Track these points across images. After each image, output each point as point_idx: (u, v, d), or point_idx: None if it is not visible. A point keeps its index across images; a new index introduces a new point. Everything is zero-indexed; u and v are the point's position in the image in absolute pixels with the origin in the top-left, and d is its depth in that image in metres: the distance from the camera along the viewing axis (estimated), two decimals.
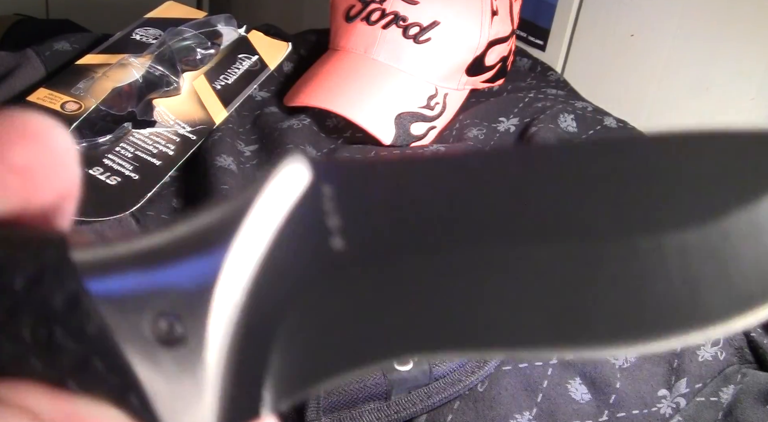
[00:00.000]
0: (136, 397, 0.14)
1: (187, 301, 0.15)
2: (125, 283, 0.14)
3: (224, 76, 0.74)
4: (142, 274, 0.15)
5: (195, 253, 0.15)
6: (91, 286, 0.14)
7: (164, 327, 0.14)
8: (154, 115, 0.67)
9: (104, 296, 0.14)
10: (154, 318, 0.14)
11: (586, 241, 0.16)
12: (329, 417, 0.42)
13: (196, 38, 0.75)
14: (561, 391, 0.46)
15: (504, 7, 0.76)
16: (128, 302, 0.14)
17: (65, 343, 0.14)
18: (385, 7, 0.72)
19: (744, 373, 0.49)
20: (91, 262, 0.14)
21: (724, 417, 0.47)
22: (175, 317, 0.14)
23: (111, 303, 0.14)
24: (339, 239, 0.16)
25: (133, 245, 0.15)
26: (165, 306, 0.14)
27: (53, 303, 0.14)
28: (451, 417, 0.44)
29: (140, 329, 0.14)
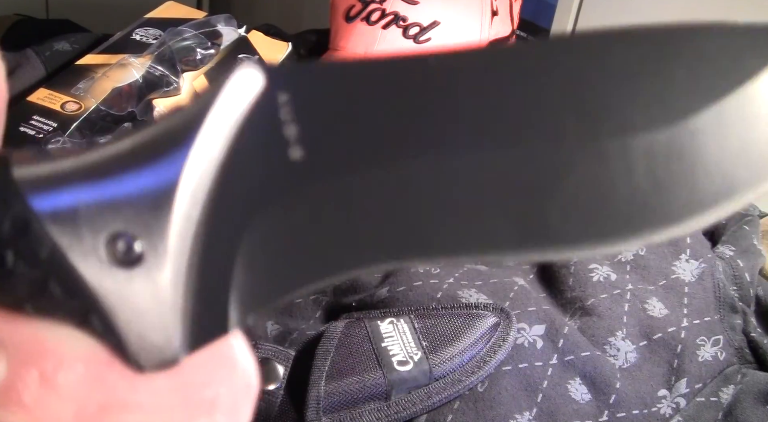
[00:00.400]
0: (98, 319, 0.14)
1: (144, 218, 0.14)
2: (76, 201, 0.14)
3: None
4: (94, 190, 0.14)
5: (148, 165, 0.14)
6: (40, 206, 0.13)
7: (121, 248, 0.14)
8: (154, 115, 0.67)
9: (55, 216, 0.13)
10: (111, 238, 0.14)
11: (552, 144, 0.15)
12: (329, 417, 0.42)
13: (196, 38, 0.75)
14: (561, 391, 0.46)
15: (504, 7, 0.76)
16: (81, 222, 0.14)
17: (18, 268, 0.13)
18: (385, 7, 0.72)
19: (744, 373, 0.49)
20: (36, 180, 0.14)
21: (724, 417, 0.47)
22: (131, 236, 0.14)
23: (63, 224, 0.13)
24: (297, 148, 0.15)
25: (81, 160, 0.14)
26: (121, 225, 0.14)
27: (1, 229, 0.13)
28: (451, 417, 0.44)
29: (97, 250, 0.14)
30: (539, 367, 0.47)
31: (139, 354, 0.14)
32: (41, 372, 0.13)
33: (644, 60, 0.16)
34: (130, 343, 0.14)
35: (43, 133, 0.62)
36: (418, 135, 0.15)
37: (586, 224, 0.16)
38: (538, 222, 0.16)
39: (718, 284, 0.54)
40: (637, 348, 0.49)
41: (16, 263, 0.13)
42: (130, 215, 0.14)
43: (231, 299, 0.15)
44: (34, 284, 0.13)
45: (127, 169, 0.14)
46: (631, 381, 0.47)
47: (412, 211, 0.16)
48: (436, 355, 0.44)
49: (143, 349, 0.14)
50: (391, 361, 0.44)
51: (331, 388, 0.43)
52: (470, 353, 0.45)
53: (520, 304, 0.50)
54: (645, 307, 0.51)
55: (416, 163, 0.15)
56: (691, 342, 0.50)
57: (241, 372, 0.16)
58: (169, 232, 0.14)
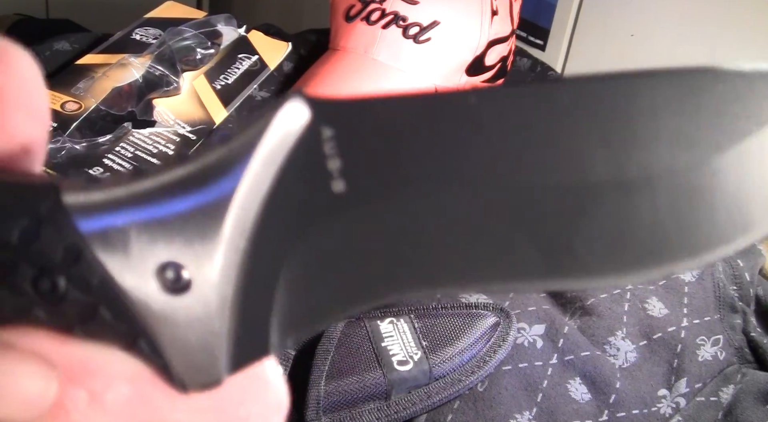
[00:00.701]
0: (145, 343, 0.14)
1: (192, 247, 0.14)
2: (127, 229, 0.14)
3: (224, 76, 0.74)
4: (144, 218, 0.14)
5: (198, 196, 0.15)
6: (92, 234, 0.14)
7: (170, 275, 0.14)
8: (154, 115, 0.67)
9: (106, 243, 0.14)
10: (161, 266, 0.14)
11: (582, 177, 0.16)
12: (329, 416, 0.42)
13: (196, 38, 0.75)
14: (561, 391, 0.46)
15: (504, 6, 0.76)
16: (132, 250, 0.14)
17: (70, 293, 0.14)
18: (385, 6, 0.72)
19: (744, 373, 0.49)
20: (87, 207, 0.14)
21: (724, 417, 0.47)
22: (180, 265, 0.14)
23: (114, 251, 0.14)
24: (340, 181, 0.16)
25: (131, 189, 0.15)
26: (170, 253, 0.14)
27: (54, 256, 0.14)
28: (451, 416, 0.44)
29: (146, 277, 0.14)
30: (539, 367, 0.47)
31: (183, 376, 0.15)
32: (90, 391, 0.14)
33: (670, 100, 0.16)
34: (176, 365, 0.15)
35: None
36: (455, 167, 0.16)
37: (609, 256, 0.16)
38: (564, 252, 0.16)
39: (718, 284, 0.54)
40: (637, 347, 0.49)
41: (68, 288, 0.14)
42: (180, 244, 0.14)
43: (272, 323, 0.16)
44: (85, 309, 0.14)
45: (177, 199, 0.15)
46: (631, 381, 0.47)
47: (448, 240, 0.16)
48: (436, 355, 0.44)
49: (188, 371, 0.15)
50: (391, 361, 0.44)
51: (331, 388, 0.43)
52: (470, 352, 0.45)
53: (520, 304, 0.50)
54: (645, 307, 0.51)
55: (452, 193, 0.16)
56: (691, 342, 0.50)
57: (273, 390, 0.16)
58: (216, 260, 0.15)
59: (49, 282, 0.14)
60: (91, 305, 0.14)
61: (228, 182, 0.15)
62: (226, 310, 0.15)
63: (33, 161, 0.15)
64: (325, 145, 0.16)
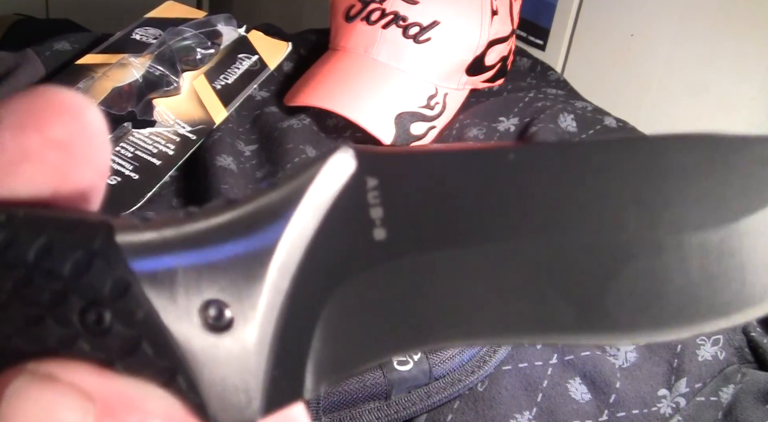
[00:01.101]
0: (184, 380, 0.15)
1: (237, 287, 0.15)
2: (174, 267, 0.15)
3: (224, 76, 0.74)
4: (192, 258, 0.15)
5: (245, 239, 0.15)
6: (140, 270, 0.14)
7: (213, 314, 0.15)
8: (154, 114, 0.67)
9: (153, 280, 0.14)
10: (204, 305, 0.15)
11: (614, 234, 0.17)
12: (329, 416, 0.42)
13: (196, 38, 0.75)
14: (561, 391, 0.46)
15: (504, 6, 0.76)
16: (178, 287, 0.14)
17: (114, 327, 0.14)
18: (385, 6, 0.72)
19: (744, 373, 0.49)
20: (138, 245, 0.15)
21: (724, 417, 0.47)
22: (223, 303, 0.15)
23: (160, 288, 0.14)
24: (381, 229, 0.16)
25: (181, 230, 0.15)
26: (214, 293, 0.15)
27: (102, 289, 0.14)
28: (451, 416, 0.44)
29: (190, 315, 0.14)
30: (539, 367, 0.47)
31: (218, 415, 0.15)
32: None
33: (701, 163, 0.17)
34: (212, 404, 0.15)
35: None
36: (494, 221, 0.17)
37: (640, 313, 0.17)
38: (596, 308, 0.17)
39: None
40: (637, 347, 0.49)
41: (113, 322, 0.14)
42: (225, 284, 0.15)
43: (308, 367, 0.16)
44: (128, 343, 0.14)
45: (225, 241, 0.15)
46: (631, 381, 0.47)
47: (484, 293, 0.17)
48: (436, 355, 0.44)
49: (223, 410, 0.15)
50: (390, 361, 0.44)
51: (331, 388, 0.43)
52: (470, 352, 0.45)
53: None
54: None
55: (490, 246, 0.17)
56: (691, 342, 0.50)
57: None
58: (259, 301, 0.15)
59: (96, 315, 0.14)
60: (134, 339, 0.14)
61: (274, 229, 0.15)
62: (264, 351, 0.15)
63: (91, 203, 0.16)
64: (369, 194, 0.17)
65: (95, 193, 0.16)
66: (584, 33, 0.98)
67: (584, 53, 0.99)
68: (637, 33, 0.93)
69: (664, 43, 0.90)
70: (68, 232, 0.14)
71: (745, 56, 0.83)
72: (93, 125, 0.15)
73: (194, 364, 0.15)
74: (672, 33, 0.89)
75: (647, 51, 0.92)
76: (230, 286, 0.15)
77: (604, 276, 0.16)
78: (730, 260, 0.17)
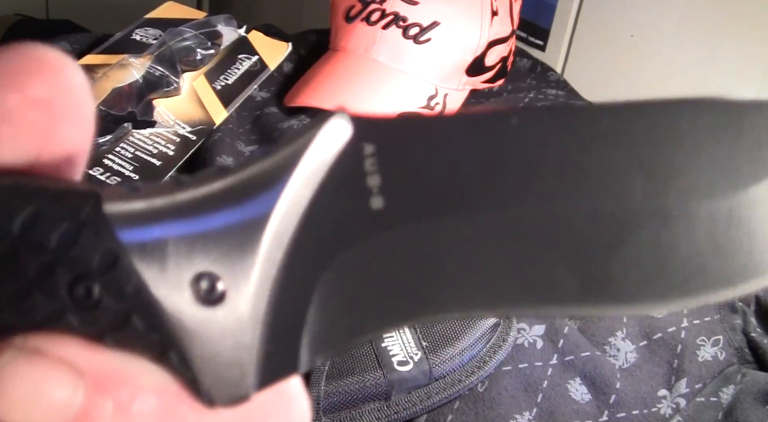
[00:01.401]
0: (175, 355, 0.14)
1: (229, 258, 0.14)
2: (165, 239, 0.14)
3: (224, 77, 0.74)
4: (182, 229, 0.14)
5: (238, 208, 0.15)
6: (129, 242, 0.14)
7: (205, 286, 0.14)
8: (154, 115, 0.67)
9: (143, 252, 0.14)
10: (196, 277, 0.14)
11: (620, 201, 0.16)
12: (329, 416, 0.42)
13: (196, 38, 0.75)
14: (561, 391, 0.46)
15: (504, 7, 0.76)
16: (169, 259, 0.14)
17: (103, 301, 0.14)
18: (385, 7, 0.72)
19: (744, 373, 0.49)
20: (126, 216, 0.14)
21: (724, 417, 0.47)
22: (215, 275, 0.14)
23: (150, 260, 0.14)
24: (378, 198, 0.16)
25: (171, 199, 0.15)
26: (206, 265, 0.14)
27: (91, 262, 0.14)
28: (451, 417, 0.44)
29: (181, 287, 0.14)
30: (539, 367, 0.47)
31: (211, 390, 0.14)
32: (116, 401, 0.14)
33: (711, 129, 0.16)
34: (205, 379, 0.14)
35: None
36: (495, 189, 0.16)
37: (646, 283, 0.16)
38: (600, 277, 0.16)
39: None
40: (637, 348, 0.49)
41: (102, 295, 0.14)
42: (216, 255, 0.14)
43: (303, 340, 0.16)
44: (118, 317, 0.14)
45: (217, 210, 0.15)
46: (631, 381, 0.47)
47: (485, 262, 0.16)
48: (436, 355, 0.45)
49: (217, 385, 0.14)
50: (391, 361, 0.44)
51: (331, 388, 0.43)
52: (470, 353, 0.45)
53: None
54: None
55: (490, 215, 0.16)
56: (691, 342, 0.50)
57: (298, 407, 0.16)
58: (252, 273, 0.15)
59: (84, 288, 0.14)
60: (124, 313, 0.14)
61: (268, 197, 0.15)
62: (258, 324, 0.15)
63: (76, 168, 0.15)
64: (366, 161, 0.16)
65: (80, 155, 0.15)
66: (584, 33, 0.98)
67: (584, 53, 0.99)
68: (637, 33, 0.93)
69: (664, 44, 0.90)
70: (55, 202, 0.14)
71: (744, 56, 0.83)
72: (74, 82, 0.15)
73: (186, 338, 0.14)
74: (672, 33, 0.89)
75: (647, 51, 0.92)
76: (222, 257, 0.14)
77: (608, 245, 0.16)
78: (738, 230, 0.16)
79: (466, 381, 0.44)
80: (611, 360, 0.48)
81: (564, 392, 0.46)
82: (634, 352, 0.49)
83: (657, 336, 0.50)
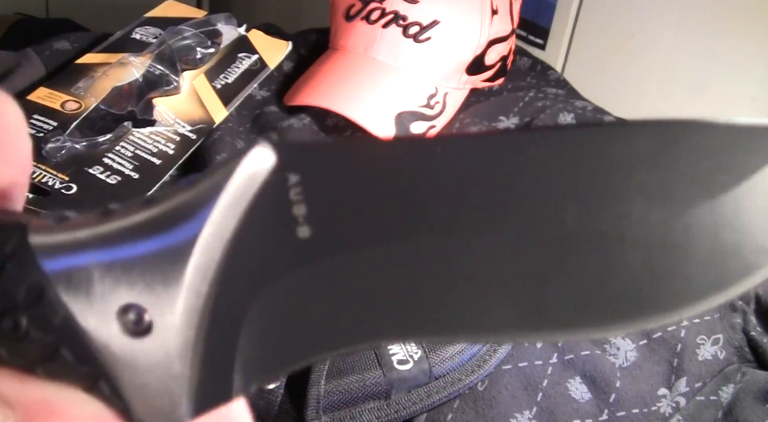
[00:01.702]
0: (106, 385, 0.14)
1: (154, 291, 0.14)
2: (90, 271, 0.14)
3: (224, 76, 0.74)
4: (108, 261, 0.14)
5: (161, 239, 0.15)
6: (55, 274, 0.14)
7: (132, 318, 0.14)
8: (154, 114, 0.67)
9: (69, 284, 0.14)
10: (122, 309, 0.14)
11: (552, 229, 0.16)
12: (329, 415, 0.42)
13: (196, 37, 0.75)
14: (561, 390, 0.46)
15: (504, 6, 0.76)
16: (95, 291, 0.14)
17: (31, 333, 0.14)
18: (385, 6, 0.72)
19: (744, 372, 0.49)
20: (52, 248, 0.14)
21: (724, 416, 0.47)
22: (142, 307, 0.14)
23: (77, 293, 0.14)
24: (305, 227, 0.16)
25: (96, 231, 0.15)
26: (132, 297, 0.14)
27: (16, 295, 0.14)
28: (451, 416, 0.44)
29: (108, 319, 0.14)
30: (539, 366, 0.47)
31: (144, 419, 0.15)
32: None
33: (643, 153, 0.16)
34: (137, 408, 0.14)
35: (43, 132, 0.62)
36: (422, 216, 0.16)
37: (582, 309, 0.16)
38: (535, 305, 0.16)
39: None
40: (637, 346, 0.49)
41: (29, 328, 0.14)
42: (142, 287, 0.14)
43: (235, 368, 0.16)
44: (46, 349, 0.14)
45: (141, 241, 0.15)
46: (631, 380, 0.47)
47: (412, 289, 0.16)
48: (436, 354, 0.44)
49: (149, 414, 0.15)
50: (390, 360, 0.44)
51: (331, 387, 0.43)
52: (470, 352, 0.45)
53: None
54: None
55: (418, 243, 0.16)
56: (691, 341, 0.50)
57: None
58: (178, 304, 0.15)
59: (12, 321, 0.14)
60: (53, 345, 0.14)
61: (191, 227, 0.15)
62: (187, 354, 0.15)
63: (11, 202, 0.15)
64: (291, 191, 0.16)
65: (17, 190, 0.15)
66: (584, 33, 0.98)
67: (584, 53, 0.99)
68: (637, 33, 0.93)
69: (664, 43, 0.90)
70: None
71: (744, 56, 0.83)
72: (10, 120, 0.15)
73: (116, 369, 0.14)
74: (672, 33, 0.89)
75: (647, 51, 0.92)
76: (147, 289, 0.14)
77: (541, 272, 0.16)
78: (674, 255, 0.16)
79: (466, 380, 0.44)
80: (611, 359, 0.48)
81: (564, 391, 0.46)
82: (634, 351, 0.49)
83: (657, 335, 0.50)
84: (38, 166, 0.58)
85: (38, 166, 0.58)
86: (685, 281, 0.16)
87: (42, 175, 0.58)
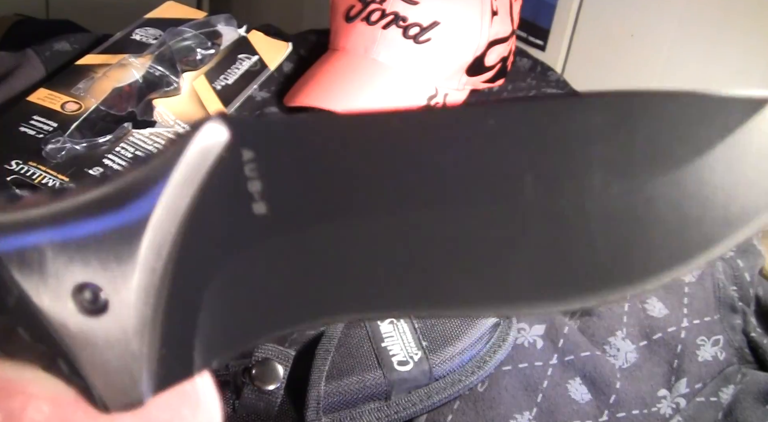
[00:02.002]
0: (64, 364, 0.14)
1: (109, 269, 0.14)
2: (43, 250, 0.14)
3: (224, 77, 0.74)
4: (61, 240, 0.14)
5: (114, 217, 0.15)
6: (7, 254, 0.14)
7: (87, 297, 0.14)
8: (154, 115, 0.67)
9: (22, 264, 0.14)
10: (77, 288, 0.14)
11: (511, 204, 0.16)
12: (329, 416, 0.42)
13: (196, 38, 0.75)
14: (561, 391, 0.46)
15: (504, 7, 0.76)
16: (48, 271, 0.14)
17: None
18: (385, 7, 0.72)
19: (744, 373, 0.49)
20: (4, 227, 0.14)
21: (724, 417, 0.47)
22: (97, 286, 0.14)
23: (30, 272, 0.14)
24: (261, 203, 0.16)
25: (49, 209, 0.14)
26: (86, 275, 0.14)
27: None
28: (451, 417, 0.44)
29: (63, 298, 0.14)
30: (539, 367, 0.47)
31: (104, 396, 0.14)
32: (8, 411, 0.14)
33: (604, 126, 0.16)
34: (96, 386, 0.14)
35: (43, 133, 0.62)
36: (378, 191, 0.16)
37: (543, 283, 0.16)
38: (497, 280, 0.16)
39: (717, 284, 0.54)
40: (637, 347, 0.49)
41: None
42: (96, 265, 0.14)
43: (195, 344, 0.15)
44: (3, 330, 0.14)
45: (94, 219, 0.14)
46: (631, 381, 0.47)
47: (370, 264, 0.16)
48: (436, 355, 0.44)
49: (109, 392, 0.14)
50: (391, 361, 0.44)
51: (331, 388, 0.43)
52: (470, 353, 0.45)
53: None
54: (645, 307, 0.51)
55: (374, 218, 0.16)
56: (691, 342, 0.50)
57: (204, 409, 0.16)
58: (132, 282, 0.14)
59: None
60: (9, 325, 0.14)
61: (144, 204, 0.15)
62: (145, 331, 0.15)
63: None
64: (246, 167, 0.16)
65: None
66: (584, 33, 0.98)
67: (584, 53, 0.99)
68: (637, 33, 0.93)
69: (664, 43, 0.90)
70: None
71: (744, 56, 0.83)
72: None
73: (74, 348, 0.14)
74: (672, 33, 0.89)
75: (647, 51, 0.92)
76: (102, 268, 0.14)
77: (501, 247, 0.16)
78: (635, 227, 0.16)
79: (466, 381, 0.44)
80: (611, 360, 0.48)
81: (564, 392, 0.46)
82: (634, 352, 0.49)
83: (657, 336, 0.50)
84: (38, 167, 0.58)
85: (38, 167, 0.58)
86: (647, 253, 0.16)
87: (42, 176, 0.58)
